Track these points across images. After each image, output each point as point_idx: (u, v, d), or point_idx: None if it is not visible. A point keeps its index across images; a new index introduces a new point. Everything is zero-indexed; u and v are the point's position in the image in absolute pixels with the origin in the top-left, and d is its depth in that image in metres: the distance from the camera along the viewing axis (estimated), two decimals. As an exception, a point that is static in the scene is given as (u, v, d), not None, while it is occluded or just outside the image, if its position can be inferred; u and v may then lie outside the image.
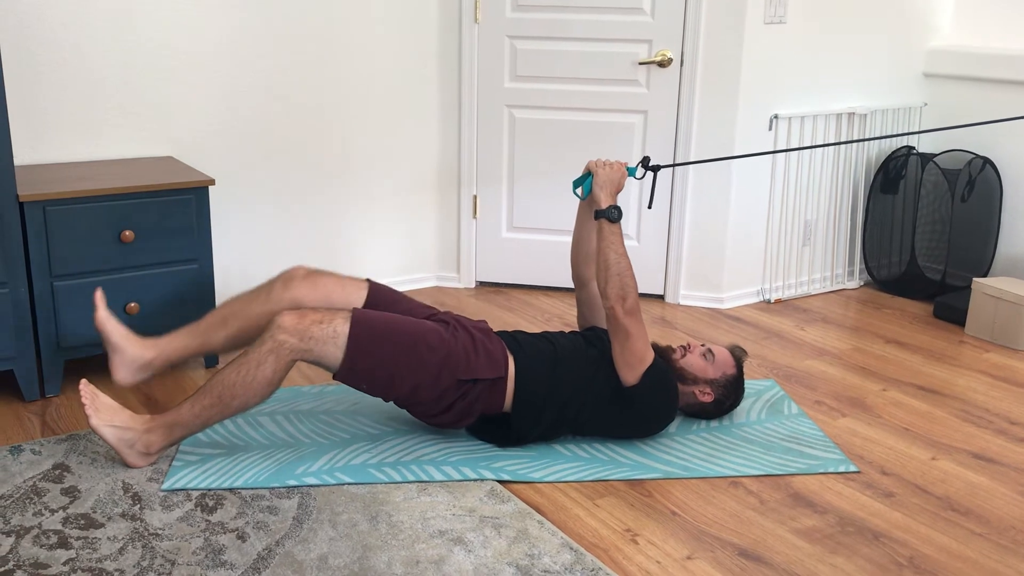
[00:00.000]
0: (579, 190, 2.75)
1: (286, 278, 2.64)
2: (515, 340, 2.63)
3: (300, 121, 3.62)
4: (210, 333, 2.62)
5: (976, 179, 4.02)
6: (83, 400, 2.39)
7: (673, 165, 3.13)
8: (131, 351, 2.58)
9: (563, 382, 2.56)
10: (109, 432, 2.39)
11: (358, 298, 2.66)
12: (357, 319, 2.43)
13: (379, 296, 2.69)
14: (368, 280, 2.73)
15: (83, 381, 2.44)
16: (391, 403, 2.75)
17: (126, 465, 2.45)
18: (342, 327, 2.40)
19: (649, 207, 2.93)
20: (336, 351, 2.39)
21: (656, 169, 2.78)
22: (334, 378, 2.47)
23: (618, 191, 2.66)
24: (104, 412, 2.40)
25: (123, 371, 2.59)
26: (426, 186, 4.00)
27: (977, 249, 4.09)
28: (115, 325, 2.59)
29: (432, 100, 3.91)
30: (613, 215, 2.58)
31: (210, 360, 3.14)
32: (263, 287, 2.65)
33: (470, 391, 2.51)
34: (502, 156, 3.96)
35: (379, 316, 2.49)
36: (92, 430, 2.47)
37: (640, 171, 2.78)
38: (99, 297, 2.61)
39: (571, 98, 3.84)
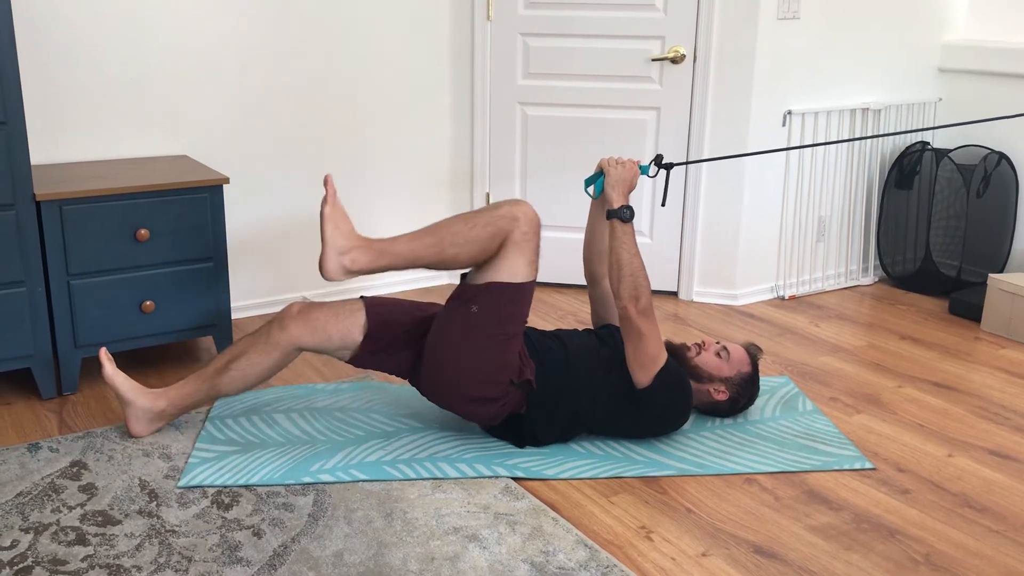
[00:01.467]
0: (591, 189, 2.73)
1: (280, 319, 2.58)
2: (528, 338, 2.63)
3: (313, 120, 3.63)
4: (217, 377, 2.60)
5: (992, 174, 4.00)
6: (328, 189, 2.47)
7: (686, 163, 3.11)
8: (142, 403, 2.60)
9: (575, 383, 2.56)
10: (331, 229, 2.46)
11: (355, 325, 2.55)
12: (532, 284, 2.52)
13: (378, 309, 2.60)
14: (361, 297, 2.62)
15: (329, 174, 2.53)
16: (405, 400, 2.75)
17: (320, 269, 2.48)
18: (527, 269, 2.48)
19: (663, 205, 2.92)
20: (504, 271, 2.46)
21: (669, 167, 2.77)
22: (471, 274, 2.52)
23: (630, 190, 2.64)
24: (337, 211, 2.48)
25: (138, 424, 2.61)
26: (439, 183, 4.00)
27: (993, 245, 4.06)
28: (123, 379, 2.60)
29: (445, 97, 3.92)
30: (625, 215, 2.57)
31: (220, 345, 3.14)
32: (261, 331, 2.60)
33: (512, 394, 2.51)
34: (515, 153, 3.96)
35: (528, 304, 2.55)
36: (321, 219, 2.50)
37: (653, 169, 2.76)
38: (105, 355, 2.62)
39: (584, 95, 3.84)
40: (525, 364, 2.52)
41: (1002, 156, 4.00)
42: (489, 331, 2.47)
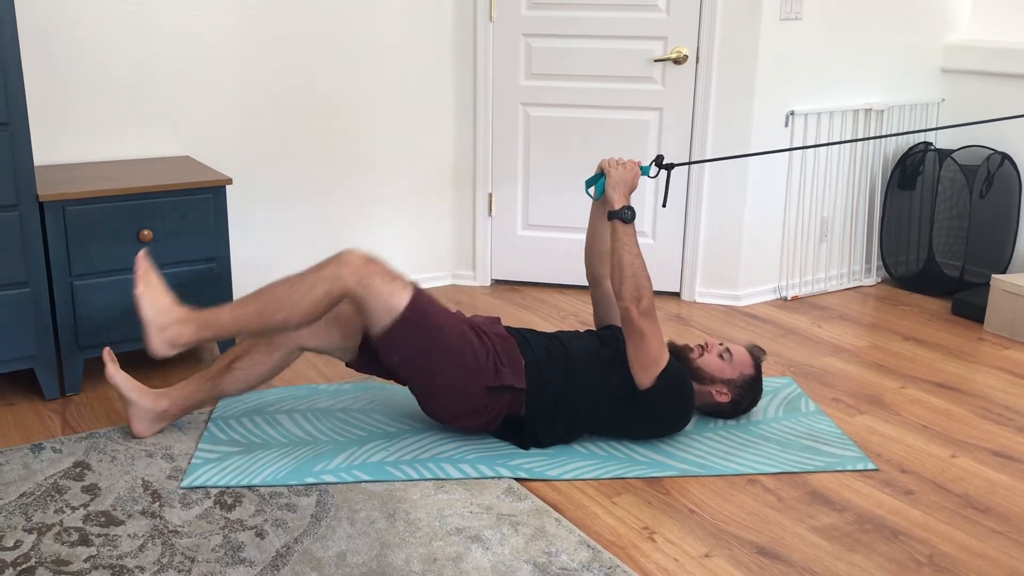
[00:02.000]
0: (591, 190, 2.73)
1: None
2: (524, 339, 2.62)
3: (316, 120, 3.63)
4: (220, 377, 2.62)
5: (995, 175, 3.99)
6: (138, 270, 2.40)
7: (687, 163, 3.11)
8: (144, 403, 2.61)
9: (575, 384, 2.56)
10: (147, 308, 2.41)
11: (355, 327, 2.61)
12: (416, 298, 2.43)
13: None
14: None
15: (142, 252, 2.46)
16: (407, 400, 2.75)
17: (146, 347, 2.44)
18: (400, 295, 2.40)
19: (663, 205, 2.92)
20: (384, 314, 2.39)
21: (670, 167, 2.76)
22: (370, 334, 2.45)
23: (631, 191, 2.63)
24: (152, 288, 2.42)
25: (140, 424, 2.62)
26: (441, 184, 4.00)
27: (996, 245, 4.06)
28: (125, 379, 2.61)
29: (447, 98, 3.92)
30: (626, 216, 2.57)
31: (222, 345, 3.15)
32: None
33: (498, 399, 2.51)
34: (517, 154, 3.96)
35: (435, 304, 2.50)
36: (136, 301, 2.44)
37: (654, 170, 2.76)
38: (108, 355, 2.63)
39: (586, 95, 3.84)
40: (504, 365, 2.51)
41: (1005, 156, 3.99)
42: (424, 360, 2.45)
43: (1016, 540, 2.25)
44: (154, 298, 2.43)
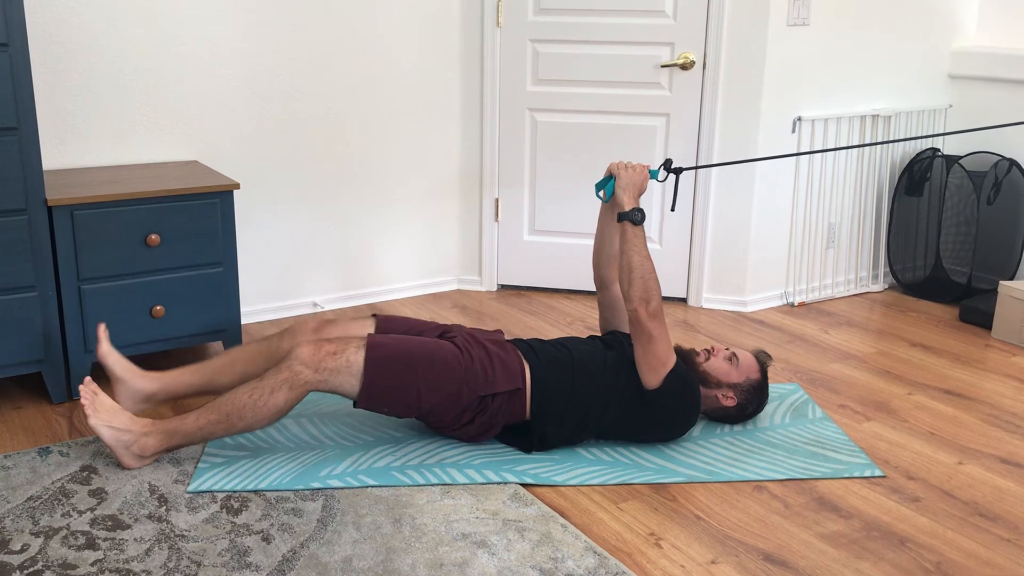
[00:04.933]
0: (601, 193, 2.74)
1: (292, 332, 2.67)
2: (531, 348, 2.64)
3: (323, 126, 3.64)
4: (216, 374, 2.65)
5: (1002, 181, 3.98)
6: (83, 400, 2.41)
7: (695, 168, 3.11)
8: (134, 383, 2.63)
9: (582, 387, 2.56)
10: (107, 432, 2.42)
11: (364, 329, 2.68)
12: (371, 345, 2.45)
13: (387, 326, 2.69)
14: (374, 315, 2.75)
15: (86, 379, 2.47)
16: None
17: (120, 465, 2.48)
18: (355, 356, 2.42)
19: (672, 210, 2.92)
20: (352, 380, 2.42)
21: (678, 172, 2.77)
22: (355, 407, 2.50)
23: (640, 193, 2.66)
24: (103, 412, 2.43)
25: (125, 402, 2.63)
26: (448, 189, 4.01)
27: (1003, 252, 4.05)
28: (117, 358, 2.63)
29: (454, 103, 3.92)
30: (636, 217, 2.58)
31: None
32: (273, 336, 2.69)
33: (490, 405, 2.52)
34: (524, 159, 3.96)
35: (392, 340, 2.51)
36: (91, 429, 2.47)
37: (662, 174, 2.76)
38: (102, 331, 2.65)
39: (593, 101, 3.84)
40: (496, 372, 2.51)
41: (1013, 163, 3.98)
42: (408, 393, 2.45)
43: (1024, 548, 2.24)
44: (109, 420, 2.43)
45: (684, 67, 3.72)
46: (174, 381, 2.66)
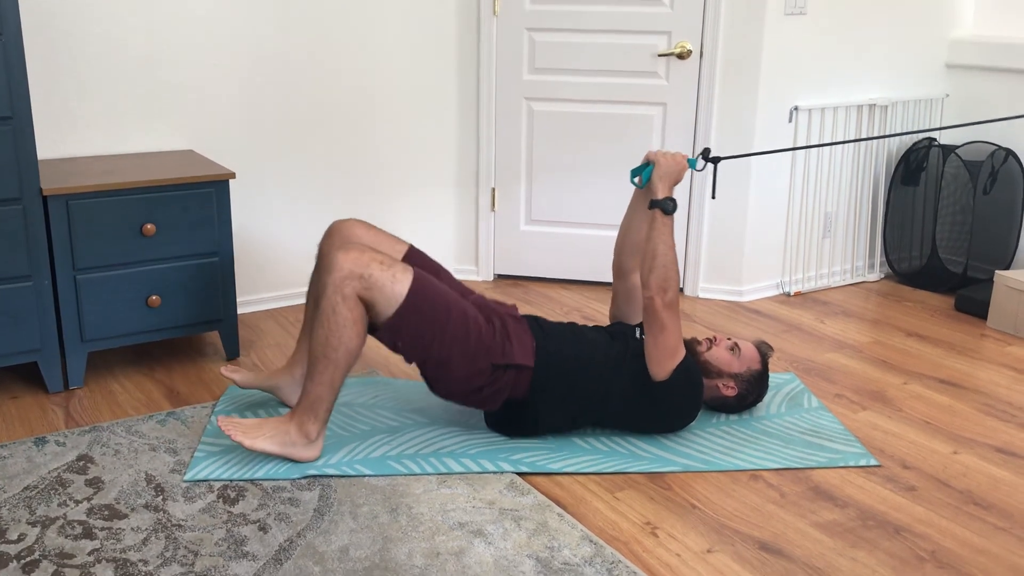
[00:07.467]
0: (637, 179, 2.72)
1: (331, 232, 2.71)
2: (538, 325, 2.64)
3: (319, 115, 3.63)
4: (310, 322, 2.69)
5: (999, 171, 3.99)
6: (230, 434, 2.39)
7: (734, 156, 3.08)
8: (285, 382, 2.74)
9: (586, 372, 2.56)
10: (269, 445, 2.42)
11: (398, 253, 2.70)
12: (418, 280, 2.43)
13: (418, 261, 2.69)
14: (409, 245, 2.75)
15: (219, 417, 2.46)
16: (410, 395, 2.75)
17: (296, 461, 2.45)
18: (403, 275, 2.40)
19: (713, 197, 2.93)
20: (388, 302, 2.39)
21: (716, 160, 2.76)
22: (373, 332, 2.46)
23: (676, 183, 2.64)
24: (253, 431, 2.43)
25: (294, 396, 2.71)
26: (445, 179, 4.00)
27: (999, 241, 4.05)
28: (254, 376, 2.75)
29: (451, 93, 3.92)
30: (668, 207, 2.57)
31: (230, 355, 3.15)
32: (322, 255, 2.70)
33: (501, 377, 2.51)
34: (520, 149, 3.95)
35: (435, 285, 2.49)
36: (252, 450, 2.44)
37: (700, 163, 2.76)
38: (228, 371, 2.73)
39: (590, 90, 3.83)
40: (513, 345, 2.52)
41: (1009, 152, 3.98)
42: (428, 341, 2.44)
43: (1019, 536, 2.25)
44: (263, 434, 2.43)
45: (681, 56, 3.71)
46: (300, 353, 2.73)
